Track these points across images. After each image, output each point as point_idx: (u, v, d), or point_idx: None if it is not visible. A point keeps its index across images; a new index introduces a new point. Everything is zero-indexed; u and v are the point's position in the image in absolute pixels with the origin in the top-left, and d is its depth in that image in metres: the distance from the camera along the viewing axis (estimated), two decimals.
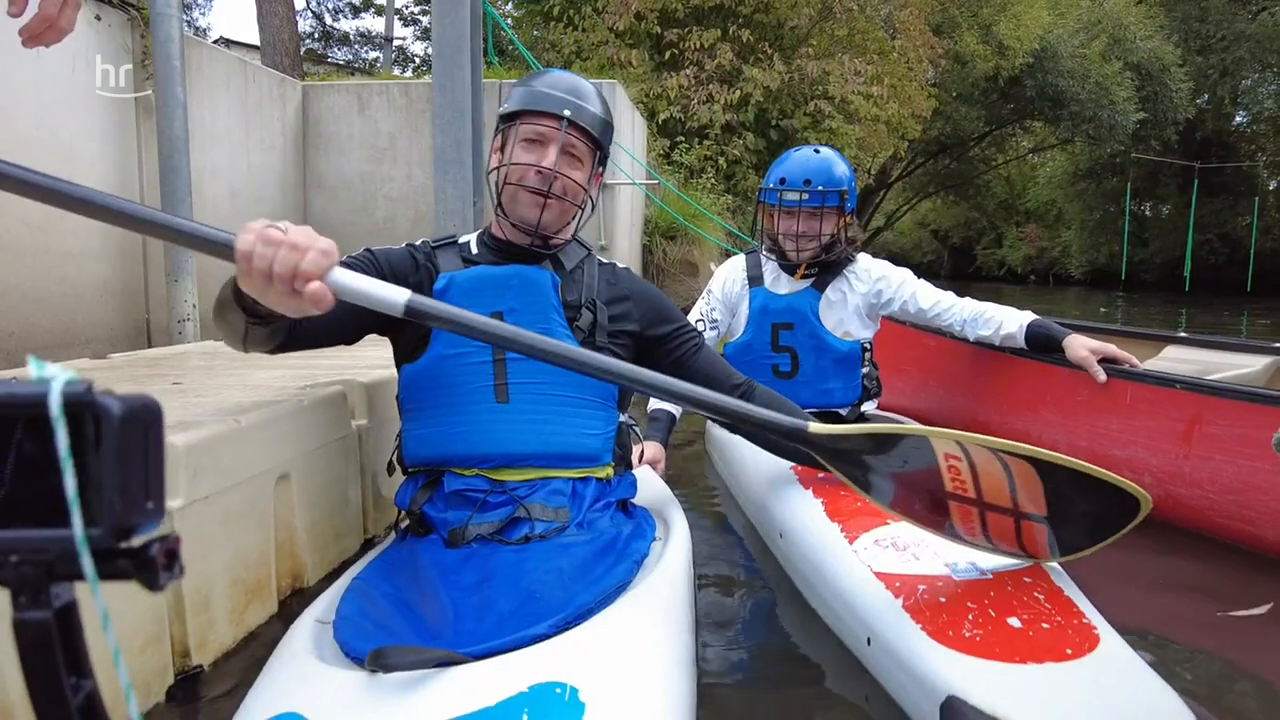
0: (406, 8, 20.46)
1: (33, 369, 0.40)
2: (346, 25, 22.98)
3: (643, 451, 2.12)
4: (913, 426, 1.32)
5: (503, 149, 1.48)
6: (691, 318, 2.52)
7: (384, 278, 1.26)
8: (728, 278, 2.59)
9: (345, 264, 1.26)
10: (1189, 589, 1.92)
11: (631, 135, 5.44)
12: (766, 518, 2.06)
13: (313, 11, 21.47)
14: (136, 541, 0.42)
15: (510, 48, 7.91)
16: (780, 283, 2.52)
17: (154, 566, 0.43)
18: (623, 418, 1.56)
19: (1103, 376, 2.34)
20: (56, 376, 0.40)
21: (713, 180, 7.58)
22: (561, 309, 1.47)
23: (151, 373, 2.26)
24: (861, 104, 9.15)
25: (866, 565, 1.50)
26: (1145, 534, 1.60)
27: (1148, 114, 19.11)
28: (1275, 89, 22.31)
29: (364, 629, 1.09)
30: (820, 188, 2.34)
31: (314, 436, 1.77)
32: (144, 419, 0.43)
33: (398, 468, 1.52)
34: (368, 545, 2.12)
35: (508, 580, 1.18)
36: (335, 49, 21.95)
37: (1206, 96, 22.31)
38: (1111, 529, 1.30)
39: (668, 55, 8.72)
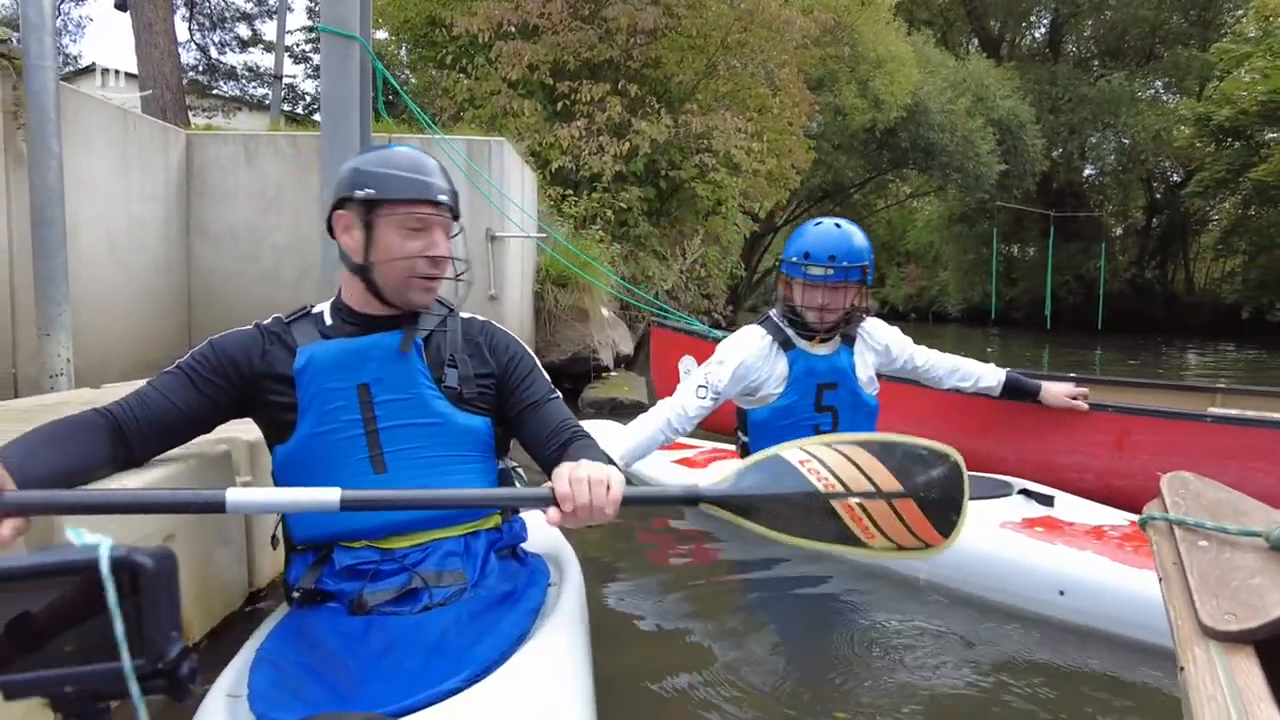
0: (297, 45, 20.05)
1: (71, 537, 0.51)
2: (234, 59, 22.25)
3: None
4: (766, 451, 1.41)
5: (367, 234, 1.44)
6: (693, 383, 2.48)
7: (221, 375, 1.42)
8: (750, 349, 2.51)
9: (186, 364, 1.42)
10: None
11: (521, 188, 5.62)
12: None
13: (197, 44, 20.77)
14: (164, 664, 0.53)
15: (399, 99, 7.99)
16: (808, 346, 2.54)
17: (184, 684, 0.54)
18: (503, 464, 1.59)
19: (1085, 407, 2.99)
20: (103, 543, 0.50)
21: (600, 232, 7.82)
22: (428, 371, 1.48)
23: (26, 425, 2.22)
24: (743, 158, 9.65)
25: (1020, 545, 2.11)
26: None
27: (1009, 165, 20.66)
28: (1115, 146, 24.64)
29: (280, 700, 1.11)
30: (845, 264, 2.41)
31: None
32: (168, 568, 0.54)
33: (280, 541, 1.52)
34: (253, 598, 2.18)
35: (412, 641, 1.22)
36: (222, 82, 21.26)
37: (1060, 151, 24.38)
38: (957, 491, 1.43)
39: (560, 106, 8.94)
